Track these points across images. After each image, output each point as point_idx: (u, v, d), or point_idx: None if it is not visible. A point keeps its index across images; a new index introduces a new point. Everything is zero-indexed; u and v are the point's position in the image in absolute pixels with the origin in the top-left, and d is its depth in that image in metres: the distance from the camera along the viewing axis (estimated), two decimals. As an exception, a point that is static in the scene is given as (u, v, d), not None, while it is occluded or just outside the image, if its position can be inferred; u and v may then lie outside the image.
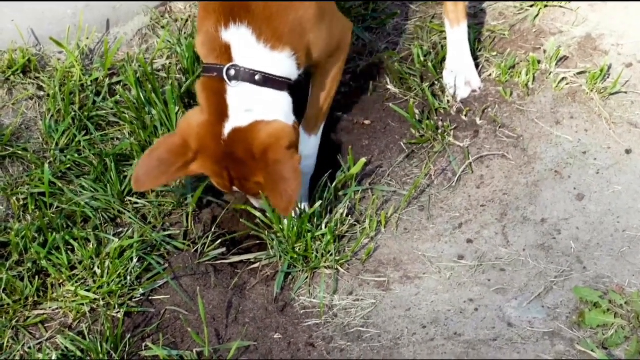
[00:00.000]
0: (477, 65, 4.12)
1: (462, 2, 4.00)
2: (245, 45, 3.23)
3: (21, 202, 3.67)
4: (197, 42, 3.34)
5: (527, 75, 4.04)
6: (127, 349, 3.27)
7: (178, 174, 3.30)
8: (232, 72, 3.22)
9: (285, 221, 3.49)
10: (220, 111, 3.24)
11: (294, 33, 3.27)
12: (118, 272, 3.41)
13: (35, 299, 3.39)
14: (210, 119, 3.24)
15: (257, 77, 3.23)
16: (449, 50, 4.07)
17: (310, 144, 3.64)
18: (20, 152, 3.83)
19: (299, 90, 3.49)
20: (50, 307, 3.39)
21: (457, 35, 4.05)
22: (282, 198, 3.16)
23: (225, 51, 3.23)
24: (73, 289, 3.38)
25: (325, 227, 3.51)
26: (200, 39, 3.31)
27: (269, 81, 3.25)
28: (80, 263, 3.45)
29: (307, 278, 3.49)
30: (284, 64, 3.28)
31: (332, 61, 3.54)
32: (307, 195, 3.69)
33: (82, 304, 3.36)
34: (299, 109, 3.51)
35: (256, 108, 3.24)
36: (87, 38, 4.21)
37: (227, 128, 3.22)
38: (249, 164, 3.23)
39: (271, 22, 3.22)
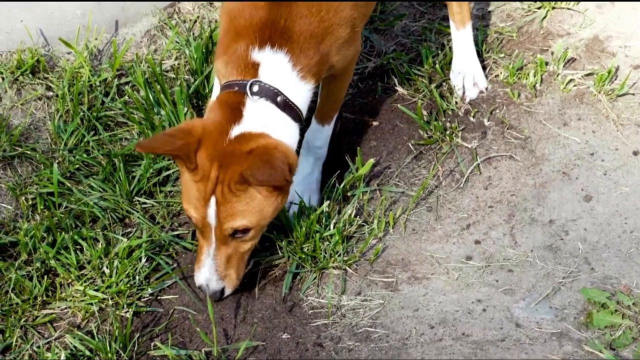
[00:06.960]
0: (484, 67, 4.13)
1: (467, 4, 4.01)
2: (277, 68, 3.20)
3: (30, 202, 3.68)
4: (219, 63, 3.27)
5: (534, 76, 4.04)
6: (135, 349, 3.28)
7: (179, 151, 3.12)
8: (256, 87, 3.18)
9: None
10: (233, 118, 3.18)
11: (323, 63, 3.28)
12: (127, 272, 3.41)
13: (44, 298, 3.40)
14: (221, 121, 3.18)
15: (279, 99, 3.20)
16: (455, 51, 4.08)
17: (323, 134, 3.67)
18: (29, 152, 3.83)
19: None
20: (59, 307, 3.39)
21: (462, 37, 4.06)
22: (273, 170, 3.04)
23: (252, 68, 3.19)
24: (82, 288, 3.39)
25: (334, 227, 3.51)
26: (223, 59, 3.25)
27: (288, 107, 3.23)
28: (89, 263, 3.46)
29: (315, 278, 3.49)
30: (304, 96, 3.27)
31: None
32: (318, 188, 3.71)
33: (91, 304, 3.36)
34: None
35: (272, 126, 3.19)
36: (96, 39, 4.22)
37: (236, 130, 3.16)
38: (240, 160, 3.11)
39: (308, 53, 3.22)
